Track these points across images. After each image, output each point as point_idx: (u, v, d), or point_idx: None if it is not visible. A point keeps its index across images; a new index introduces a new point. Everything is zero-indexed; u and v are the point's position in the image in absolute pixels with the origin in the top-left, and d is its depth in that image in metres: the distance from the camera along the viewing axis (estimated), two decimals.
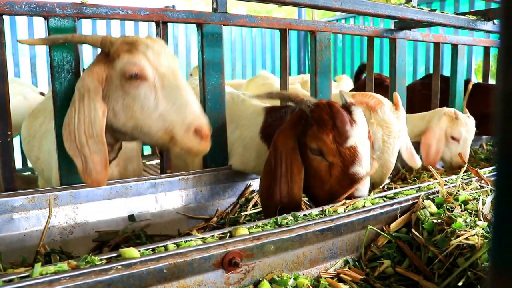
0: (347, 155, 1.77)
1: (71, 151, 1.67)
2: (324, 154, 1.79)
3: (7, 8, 1.75)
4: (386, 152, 2.34)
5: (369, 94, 2.42)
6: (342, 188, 1.78)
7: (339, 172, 1.79)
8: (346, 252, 1.62)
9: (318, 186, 1.85)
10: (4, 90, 1.82)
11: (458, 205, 1.74)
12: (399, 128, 2.37)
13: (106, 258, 1.22)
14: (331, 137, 1.76)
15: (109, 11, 1.97)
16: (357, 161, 1.78)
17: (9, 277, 1.06)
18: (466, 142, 2.95)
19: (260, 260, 1.38)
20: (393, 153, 2.36)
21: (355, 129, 1.79)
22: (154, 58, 1.70)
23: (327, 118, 1.79)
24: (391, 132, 2.34)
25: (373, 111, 2.35)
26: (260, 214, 2.04)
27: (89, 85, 1.66)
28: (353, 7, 2.11)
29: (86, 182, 1.70)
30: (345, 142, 1.77)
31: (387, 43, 4.38)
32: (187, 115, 1.69)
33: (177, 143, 1.70)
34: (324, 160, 1.80)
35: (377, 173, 2.36)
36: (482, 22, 2.92)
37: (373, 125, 2.32)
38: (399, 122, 2.39)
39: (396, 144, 2.37)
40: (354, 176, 1.78)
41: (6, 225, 1.64)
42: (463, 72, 3.66)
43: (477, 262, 1.40)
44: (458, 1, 6.20)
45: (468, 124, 2.96)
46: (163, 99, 1.69)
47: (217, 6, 2.26)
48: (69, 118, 1.66)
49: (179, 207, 2.02)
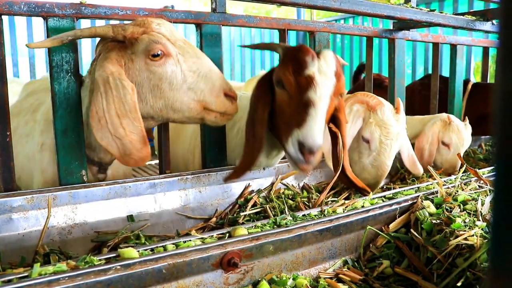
0: (303, 83, 1.77)
1: (103, 141, 1.66)
2: (284, 85, 1.81)
3: (6, 8, 1.75)
4: (382, 153, 2.32)
5: (371, 94, 2.41)
6: (298, 115, 1.75)
7: (296, 100, 1.79)
8: (345, 252, 1.63)
9: (280, 120, 1.87)
10: (3, 90, 1.81)
11: (457, 206, 1.74)
12: (397, 130, 2.36)
13: (105, 258, 1.23)
14: (291, 68, 1.80)
15: (108, 11, 1.97)
16: (312, 88, 1.76)
17: (8, 277, 1.06)
18: (457, 150, 2.87)
19: (259, 260, 1.38)
20: (389, 155, 2.34)
21: (315, 62, 1.78)
22: (169, 34, 1.75)
23: (291, 52, 1.84)
24: (389, 133, 2.32)
25: (372, 111, 2.34)
26: (259, 215, 2.04)
27: (111, 68, 1.67)
28: (352, 7, 2.11)
29: (128, 164, 1.72)
30: (302, 71, 1.77)
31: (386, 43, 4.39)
32: (214, 81, 1.78)
33: (211, 110, 1.79)
34: (285, 92, 1.82)
35: (372, 175, 2.35)
36: (481, 22, 2.92)
37: (372, 125, 2.32)
38: (399, 125, 2.38)
39: (393, 147, 2.35)
40: (308, 102, 1.74)
41: (5, 225, 1.63)
42: (462, 72, 3.67)
43: (476, 262, 1.40)
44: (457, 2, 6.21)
45: (460, 131, 2.90)
46: (189, 71, 1.75)
47: (216, 6, 2.26)
48: (96, 105, 1.66)
49: (178, 207, 2.01)
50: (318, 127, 1.70)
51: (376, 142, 2.31)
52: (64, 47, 1.86)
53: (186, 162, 2.65)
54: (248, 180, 2.23)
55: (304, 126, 1.69)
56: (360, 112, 2.35)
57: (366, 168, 2.36)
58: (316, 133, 1.69)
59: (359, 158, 2.39)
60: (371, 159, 2.34)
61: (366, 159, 2.36)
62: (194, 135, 2.56)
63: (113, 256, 1.24)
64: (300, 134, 1.69)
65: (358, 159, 2.39)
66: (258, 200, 2.12)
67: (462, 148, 2.94)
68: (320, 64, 1.79)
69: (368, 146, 2.34)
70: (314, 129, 1.69)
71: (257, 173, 2.26)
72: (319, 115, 1.73)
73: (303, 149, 1.68)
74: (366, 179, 2.35)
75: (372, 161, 2.34)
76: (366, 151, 2.35)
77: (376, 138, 2.32)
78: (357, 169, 2.38)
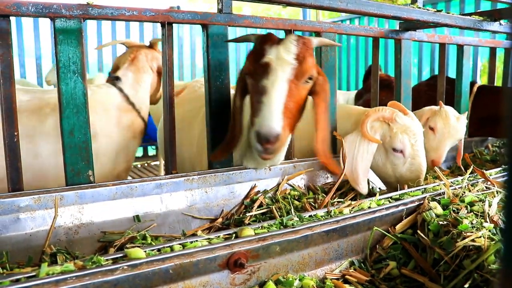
0: (260, 71, 1.80)
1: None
2: (247, 73, 1.88)
3: (14, 9, 1.76)
4: (417, 156, 2.35)
5: (379, 108, 2.40)
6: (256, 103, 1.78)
7: (255, 88, 1.81)
8: (352, 253, 1.62)
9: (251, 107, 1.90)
10: (10, 90, 1.82)
11: (464, 207, 1.73)
12: (419, 128, 2.39)
13: (112, 258, 1.23)
14: (252, 57, 1.85)
15: (115, 12, 1.98)
16: (266, 75, 1.77)
17: (16, 276, 1.07)
18: (442, 137, 2.82)
19: (266, 261, 1.38)
20: (422, 154, 2.38)
21: (273, 49, 1.80)
22: None
23: (256, 42, 1.90)
24: (415, 134, 2.34)
25: (391, 121, 2.34)
26: (265, 215, 2.03)
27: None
28: (359, 8, 2.10)
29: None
30: (260, 59, 1.80)
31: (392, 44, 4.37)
32: None
33: None
34: (250, 81, 1.88)
35: (412, 178, 2.36)
36: (488, 22, 2.90)
37: (398, 134, 2.33)
38: (415, 122, 2.40)
39: (422, 146, 2.38)
40: (262, 90, 1.76)
41: (12, 225, 1.64)
42: (469, 73, 3.65)
43: (483, 264, 1.40)
44: (464, 2, 6.19)
45: (448, 119, 2.83)
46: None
47: (222, 7, 2.26)
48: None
49: (184, 207, 2.02)
50: (274, 114, 1.69)
51: (409, 148, 2.33)
52: (71, 48, 1.87)
53: (193, 165, 2.65)
54: (254, 181, 2.23)
55: (259, 114, 1.70)
56: (376, 128, 2.35)
57: (404, 175, 2.38)
58: (271, 121, 1.67)
59: (394, 170, 2.40)
60: (407, 166, 2.36)
61: (402, 168, 2.37)
62: (201, 138, 2.56)
63: (120, 256, 1.24)
64: (256, 123, 1.70)
65: (393, 171, 2.41)
66: (264, 201, 2.12)
67: (451, 139, 2.87)
68: (279, 50, 1.79)
69: (402, 155, 2.35)
70: (268, 117, 1.68)
71: (263, 174, 2.26)
72: (273, 102, 1.71)
73: (260, 139, 1.67)
74: (407, 182, 2.37)
75: (408, 167, 2.36)
76: (400, 160, 2.36)
77: (407, 144, 2.33)
78: (393, 179, 2.41)
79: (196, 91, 3.21)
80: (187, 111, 2.93)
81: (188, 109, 2.94)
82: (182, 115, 2.87)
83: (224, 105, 2.26)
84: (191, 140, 2.69)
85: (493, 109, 3.71)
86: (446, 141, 2.83)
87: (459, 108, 3.55)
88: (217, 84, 2.25)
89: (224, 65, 2.28)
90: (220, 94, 2.26)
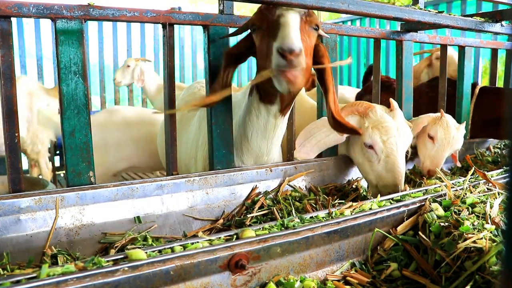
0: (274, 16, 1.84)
1: None
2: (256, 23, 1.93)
3: (15, 10, 1.76)
4: (391, 154, 2.26)
5: (356, 102, 2.40)
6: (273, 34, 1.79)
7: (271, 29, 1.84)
8: (353, 254, 1.62)
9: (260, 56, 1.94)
10: (11, 91, 1.83)
11: (466, 208, 1.72)
12: (396, 125, 2.32)
13: (113, 259, 1.23)
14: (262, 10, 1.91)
15: (116, 13, 1.98)
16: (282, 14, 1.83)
17: (17, 278, 1.07)
18: (442, 147, 2.77)
19: (267, 262, 1.38)
20: (398, 153, 2.28)
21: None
22: None
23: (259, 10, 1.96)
24: (388, 130, 2.28)
25: (365, 116, 2.32)
26: (266, 217, 2.03)
27: None
28: (360, 9, 2.10)
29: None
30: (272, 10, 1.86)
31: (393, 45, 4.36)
32: None
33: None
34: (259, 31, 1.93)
35: (390, 180, 2.28)
36: (490, 24, 2.90)
37: (368, 128, 2.29)
38: (396, 120, 2.35)
39: (399, 144, 2.30)
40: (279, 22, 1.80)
41: (13, 226, 1.64)
42: (470, 74, 3.64)
43: (485, 265, 1.39)
44: (465, 3, 6.19)
45: (449, 128, 2.78)
46: None
47: (223, 8, 2.27)
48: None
49: (185, 208, 2.02)
50: (294, 32, 1.75)
51: (379, 144, 2.27)
52: (72, 49, 1.87)
53: (188, 166, 2.65)
54: (255, 182, 2.23)
55: (279, 35, 1.75)
56: (353, 123, 2.33)
57: (382, 175, 2.30)
58: (292, 36, 1.73)
59: (371, 168, 2.34)
60: (383, 164, 2.29)
61: (378, 166, 2.30)
62: (195, 139, 2.56)
63: (121, 258, 1.24)
64: (277, 43, 1.73)
65: (370, 169, 2.35)
66: (265, 202, 2.12)
67: (449, 148, 2.82)
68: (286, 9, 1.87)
69: (374, 151, 2.30)
70: (289, 32, 1.74)
71: (264, 175, 2.26)
72: (292, 24, 1.78)
73: (283, 53, 1.69)
74: (386, 186, 2.29)
75: (384, 165, 2.29)
76: (374, 157, 2.31)
77: (378, 140, 2.27)
78: (373, 179, 2.35)
79: (196, 93, 3.21)
80: (185, 112, 2.94)
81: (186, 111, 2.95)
82: (180, 116, 2.88)
83: (225, 106, 2.26)
84: (187, 141, 2.69)
85: (494, 110, 3.71)
86: (445, 151, 2.79)
87: (460, 109, 3.55)
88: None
89: None
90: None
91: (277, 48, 1.71)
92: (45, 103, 4.55)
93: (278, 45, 1.70)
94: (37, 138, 4.57)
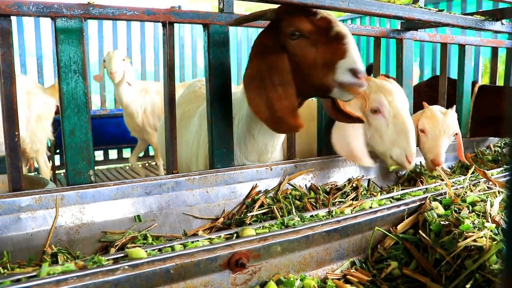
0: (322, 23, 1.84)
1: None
2: (303, 31, 1.86)
3: (15, 9, 1.76)
4: (398, 114, 2.29)
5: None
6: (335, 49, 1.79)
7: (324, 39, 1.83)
8: (353, 253, 1.62)
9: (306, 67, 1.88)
10: (11, 90, 1.82)
11: (466, 207, 1.72)
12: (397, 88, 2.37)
13: (113, 258, 1.23)
14: (302, 16, 1.86)
15: (116, 12, 1.98)
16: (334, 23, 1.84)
17: (17, 276, 1.07)
18: (434, 136, 2.72)
19: (267, 261, 1.38)
20: (406, 114, 2.31)
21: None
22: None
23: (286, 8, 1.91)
24: (391, 91, 2.31)
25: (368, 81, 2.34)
26: (266, 215, 2.03)
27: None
28: (360, 8, 2.10)
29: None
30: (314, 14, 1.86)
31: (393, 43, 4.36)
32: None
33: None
34: (303, 39, 1.86)
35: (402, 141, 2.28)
36: (490, 22, 2.89)
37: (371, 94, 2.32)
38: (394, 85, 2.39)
39: (404, 107, 2.33)
40: (339, 35, 1.81)
41: (13, 225, 1.64)
42: (471, 72, 3.64)
43: (485, 264, 1.39)
44: (465, 1, 6.18)
45: (434, 117, 2.75)
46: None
47: (223, 6, 2.26)
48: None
49: (185, 207, 2.01)
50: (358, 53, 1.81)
51: (386, 105, 2.30)
52: (72, 47, 1.87)
53: (189, 164, 2.65)
54: (256, 181, 2.23)
55: (349, 55, 1.77)
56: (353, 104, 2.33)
57: (394, 140, 2.31)
58: (360, 59, 1.79)
59: (382, 137, 2.34)
60: (392, 127, 2.30)
61: (387, 131, 2.32)
62: (196, 137, 2.56)
63: (121, 256, 1.24)
64: (347, 62, 1.76)
65: (381, 138, 2.35)
66: (266, 201, 2.12)
67: (444, 136, 2.76)
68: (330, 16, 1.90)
69: (382, 115, 2.32)
70: (357, 55, 1.79)
71: (264, 174, 2.26)
72: (353, 43, 1.82)
73: (357, 74, 1.75)
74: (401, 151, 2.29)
75: (393, 128, 2.30)
76: (382, 122, 2.32)
77: (384, 101, 2.30)
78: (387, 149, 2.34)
79: (196, 91, 3.21)
80: (186, 111, 2.94)
81: (187, 109, 2.94)
82: (180, 114, 2.88)
83: (225, 105, 2.26)
84: (188, 140, 2.69)
85: (494, 108, 3.71)
86: (439, 139, 2.77)
87: (461, 108, 3.55)
88: (218, 84, 2.25)
89: (225, 65, 2.28)
90: (221, 94, 2.26)
91: (347, 68, 1.76)
92: (43, 101, 4.54)
93: (350, 66, 1.75)
94: (36, 137, 4.56)
